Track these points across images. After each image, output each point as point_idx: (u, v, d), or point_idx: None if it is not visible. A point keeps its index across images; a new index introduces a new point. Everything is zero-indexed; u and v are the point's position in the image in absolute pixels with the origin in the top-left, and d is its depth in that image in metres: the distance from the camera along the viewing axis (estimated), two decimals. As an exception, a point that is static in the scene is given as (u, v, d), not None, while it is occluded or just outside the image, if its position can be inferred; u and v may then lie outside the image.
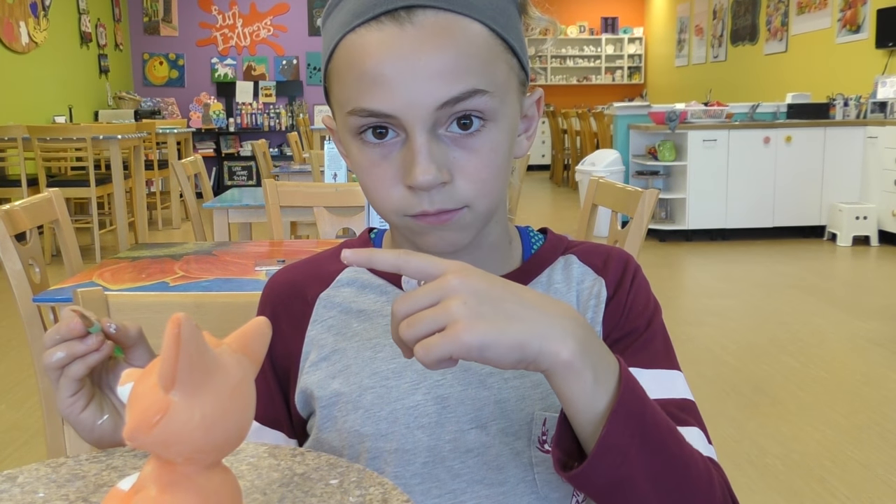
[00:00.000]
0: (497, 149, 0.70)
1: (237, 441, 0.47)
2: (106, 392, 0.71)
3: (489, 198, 0.71)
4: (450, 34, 0.66)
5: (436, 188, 0.67)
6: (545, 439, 0.74)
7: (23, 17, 7.38)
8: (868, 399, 3.15)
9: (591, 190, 2.25)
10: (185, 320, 0.42)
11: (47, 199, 1.99)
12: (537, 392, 0.74)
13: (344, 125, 0.71)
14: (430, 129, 0.67)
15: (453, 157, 0.68)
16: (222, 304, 1.07)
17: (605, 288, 0.79)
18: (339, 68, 0.70)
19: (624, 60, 14.45)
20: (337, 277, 0.81)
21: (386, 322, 0.77)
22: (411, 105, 0.66)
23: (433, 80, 0.65)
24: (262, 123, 10.47)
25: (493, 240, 0.78)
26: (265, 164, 4.70)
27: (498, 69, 0.69)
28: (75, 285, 1.64)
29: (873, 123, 6.37)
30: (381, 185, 0.70)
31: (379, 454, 0.73)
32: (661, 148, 6.57)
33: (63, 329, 0.66)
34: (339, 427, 0.75)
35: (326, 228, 2.34)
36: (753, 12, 10.12)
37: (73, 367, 0.66)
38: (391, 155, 0.69)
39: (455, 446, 0.73)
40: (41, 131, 5.79)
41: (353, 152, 0.71)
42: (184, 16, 10.48)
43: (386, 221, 0.74)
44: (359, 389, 0.74)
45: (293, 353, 0.79)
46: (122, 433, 0.66)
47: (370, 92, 0.66)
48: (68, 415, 0.68)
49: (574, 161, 9.98)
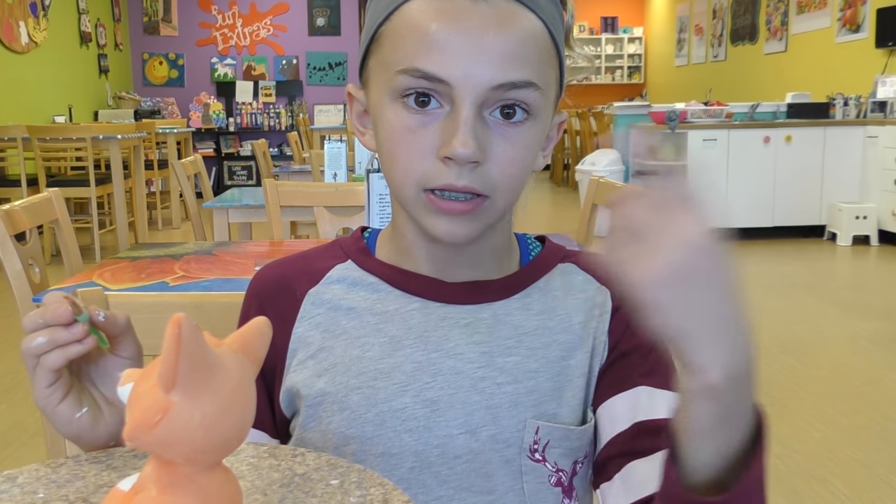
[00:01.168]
0: (530, 147, 0.70)
1: (237, 441, 0.46)
2: (86, 384, 0.67)
3: (510, 194, 0.70)
4: (517, 21, 0.67)
5: (467, 166, 0.67)
6: (536, 448, 0.72)
7: (22, 17, 7.38)
8: (869, 399, 3.15)
9: (591, 190, 2.25)
10: (185, 320, 0.42)
11: (47, 199, 1.98)
12: (530, 399, 0.73)
13: (386, 85, 0.69)
14: (479, 106, 0.66)
15: (492, 141, 0.67)
16: (222, 303, 1.07)
17: (611, 298, 0.78)
18: (396, 28, 0.69)
19: (624, 60, 14.45)
20: (327, 274, 0.79)
21: (375, 320, 0.75)
22: (468, 77, 0.65)
23: (495, 59, 0.65)
24: (261, 123, 10.47)
25: (495, 243, 0.77)
26: (265, 164, 4.70)
27: (549, 71, 0.70)
28: (75, 285, 1.64)
29: (873, 123, 6.37)
30: (412, 152, 0.68)
31: (364, 457, 0.71)
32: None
33: (48, 314, 0.61)
34: (323, 428, 0.73)
35: (326, 228, 2.34)
36: (753, 12, 10.11)
37: (51, 357, 0.62)
38: (429, 125, 0.68)
39: (443, 451, 0.71)
40: (41, 131, 5.79)
41: (387, 115, 0.69)
42: (183, 15, 10.48)
43: (398, 197, 0.72)
44: (345, 389, 0.73)
45: (279, 351, 0.77)
46: (101, 429, 0.66)
47: (430, 54, 0.66)
48: (44, 406, 0.64)
49: (574, 161, 9.98)
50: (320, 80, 10.64)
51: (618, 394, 0.75)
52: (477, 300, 0.76)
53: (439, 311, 0.75)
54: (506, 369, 0.73)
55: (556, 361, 0.75)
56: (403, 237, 0.77)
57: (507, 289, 0.77)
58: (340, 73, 10.62)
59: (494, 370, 0.73)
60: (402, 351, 0.74)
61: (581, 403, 0.75)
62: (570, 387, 0.74)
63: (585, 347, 0.76)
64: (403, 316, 0.75)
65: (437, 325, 0.75)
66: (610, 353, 0.76)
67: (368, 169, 1.83)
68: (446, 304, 0.75)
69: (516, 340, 0.75)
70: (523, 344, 0.75)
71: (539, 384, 0.73)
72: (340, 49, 10.57)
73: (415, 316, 0.75)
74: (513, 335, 0.75)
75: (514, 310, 0.76)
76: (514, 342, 0.75)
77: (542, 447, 0.73)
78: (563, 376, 0.74)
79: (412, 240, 0.76)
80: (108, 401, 0.67)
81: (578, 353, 0.76)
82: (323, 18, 10.55)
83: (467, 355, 0.73)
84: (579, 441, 0.74)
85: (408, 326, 0.75)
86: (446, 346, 0.74)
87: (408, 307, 0.76)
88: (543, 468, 0.73)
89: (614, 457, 0.73)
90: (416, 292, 0.76)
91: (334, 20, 10.55)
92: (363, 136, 0.77)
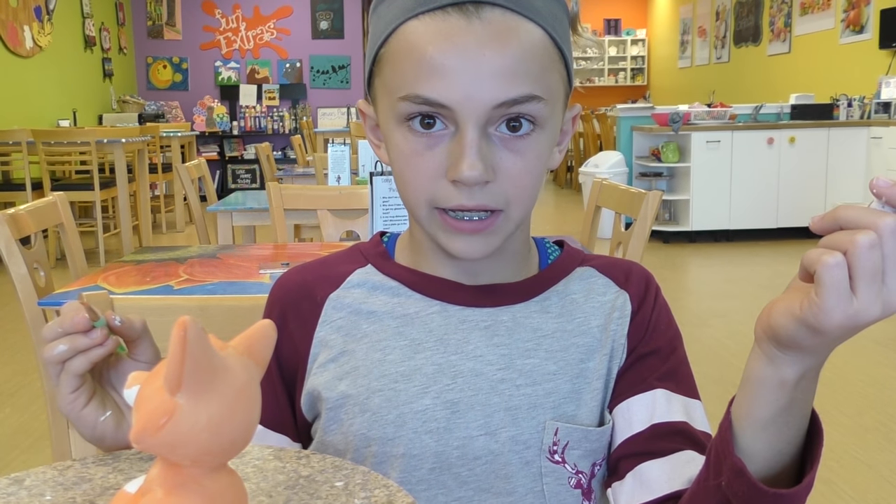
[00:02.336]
0: (540, 156, 0.69)
1: (243, 443, 0.47)
2: (107, 389, 0.68)
3: (524, 205, 0.70)
4: (515, 35, 0.66)
5: (478, 185, 0.67)
6: (556, 449, 0.73)
7: (27, 22, 7.40)
8: (873, 400, 3.14)
9: (594, 192, 2.25)
10: (191, 323, 0.42)
11: (52, 203, 1.99)
12: (549, 400, 0.73)
13: (391, 110, 0.70)
14: (482, 126, 0.66)
15: (499, 157, 0.67)
16: (227, 307, 1.07)
17: (630, 301, 0.78)
18: (395, 52, 0.69)
19: (627, 62, 14.45)
20: (347, 278, 0.80)
21: (396, 324, 0.76)
22: (469, 99, 0.65)
23: (494, 78, 0.65)
24: (265, 126, 10.48)
25: (516, 247, 0.78)
26: (269, 168, 4.70)
27: (553, 77, 0.69)
28: (80, 289, 1.65)
29: (877, 124, 6.36)
30: (422, 175, 0.69)
31: (385, 459, 0.72)
32: (665, 149, 6.56)
33: (66, 323, 0.63)
34: (344, 430, 0.74)
35: (330, 231, 2.35)
36: (756, 13, 10.11)
37: (75, 362, 0.63)
38: (436, 146, 0.68)
39: (463, 453, 0.72)
40: (45, 135, 5.80)
41: (395, 139, 0.70)
42: (187, 19, 10.50)
43: (413, 215, 0.73)
44: (366, 392, 0.73)
45: (301, 354, 0.78)
46: (124, 431, 0.66)
47: (428, 80, 0.66)
48: (69, 412, 0.65)
49: (577, 163, 9.97)
50: (324, 84, 10.65)
51: (635, 395, 0.75)
52: (496, 303, 0.76)
53: (459, 313, 0.76)
54: (525, 371, 0.74)
55: (575, 364, 0.75)
56: (422, 243, 0.78)
57: (526, 292, 0.78)
58: (344, 77, 10.63)
59: (514, 372, 0.74)
60: (422, 353, 0.74)
61: (599, 405, 0.75)
62: (589, 389, 0.75)
63: (604, 350, 0.76)
64: (424, 319, 0.76)
65: (457, 328, 0.75)
66: (628, 356, 0.77)
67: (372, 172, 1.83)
68: (466, 307, 0.76)
69: (535, 343, 0.75)
70: (542, 346, 0.75)
71: (558, 386, 0.74)
72: (344, 52, 10.58)
73: (435, 319, 0.76)
74: (532, 338, 0.75)
75: (534, 313, 0.77)
76: (534, 345, 0.75)
77: (562, 448, 0.73)
78: (581, 378, 0.75)
79: (430, 246, 0.76)
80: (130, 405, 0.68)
81: (597, 355, 0.76)
82: (326, 22, 10.56)
83: (487, 357, 0.74)
84: (598, 442, 0.75)
85: (428, 329, 0.75)
86: (466, 348, 0.74)
87: (428, 310, 0.76)
88: (563, 469, 0.73)
89: (628, 456, 0.74)
90: (435, 296, 0.77)
91: (338, 23, 10.57)
92: (378, 150, 0.77)
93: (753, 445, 0.60)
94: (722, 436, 0.61)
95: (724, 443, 0.61)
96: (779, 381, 0.58)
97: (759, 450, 0.60)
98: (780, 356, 0.57)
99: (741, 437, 0.60)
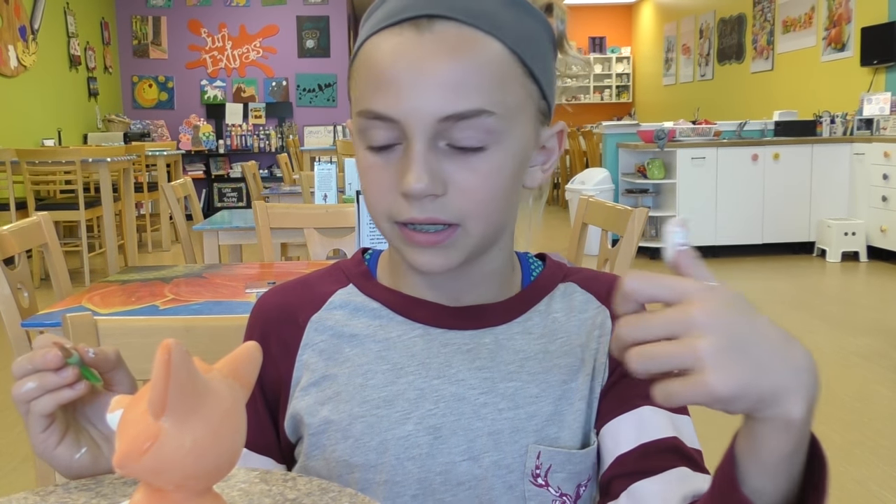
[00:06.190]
0: (498, 172, 0.68)
1: (228, 467, 0.46)
2: (83, 423, 0.66)
3: (484, 221, 0.69)
4: (466, 49, 0.66)
5: (427, 198, 0.67)
6: (538, 473, 0.72)
7: (11, 41, 7.39)
8: (860, 415, 3.15)
9: (581, 209, 2.26)
10: (175, 346, 0.42)
11: (36, 223, 1.98)
12: (532, 424, 0.73)
13: (354, 125, 0.71)
14: (430, 139, 0.66)
15: (449, 170, 0.67)
16: (213, 327, 1.07)
17: (610, 318, 0.77)
18: (357, 69, 0.71)
19: (612, 79, 14.56)
20: (329, 299, 0.79)
21: (378, 348, 0.75)
22: (414, 111, 0.65)
23: (440, 90, 0.65)
24: (251, 145, 10.47)
25: (495, 266, 0.77)
26: (255, 186, 4.70)
27: (511, 92, 0.68)
28: (64, 309, 1.63)
29: (860, 140, 6.42)
30: (379, 189, 0.69)
31: (368, 485, 0.71)
32: (650, 166, 6.60)
33: (37, 359, 0.61)
34: (327, 456, 0.73)
35: (317, 250, 2.34)
36: (739, 31, 10.21)
37: (41, 402, 0.61)
38: (391, 161, 0.68)
39: (446, 478, 0.71)
40: (30, 154, 5.77)
41: (357, 154, 0.71)
42: (173, 38, 10.50)
43: (379, 230, 0.73)
44: (349, 418, 0.73)
45: (283, 378, 0.77)
46: (102, 467, 0.65)
47: (378, 94, 0.67)
48: (41, 452, 0.63)
49: (564, 180, 10.01)
50: (310, 102, 10.66)
51: (621, 414, 0.74)
52: (478, 325, 0.76)
53: (441, 337, 0.75)
54: (507, 395, 0.73)
55: (558, 385, 0.75)
56: (399, 262, 0.77)
57: (509, 312, 0.77)
58: (330, 95, 10.65)
59: (496, 396, 0.73)
60: (404, 378, 0.74)
61: (582, 426, 0.75)
62: (571, 410, 0.74)
63: (586, 370, 0.76)
64: (406, 343, 0.75)
65: (439, 352, 0.75)
66: (611, 375, 0.76)
67: (358, 190, 1.83)
68: (448, 329, 0.76)
69: (518, 365, 0.75)
70: (524, 369, 0.74)
71: (540, 409, 0.73)
72: (330, 70, 10.60)
73: (417, 343, 0.75)
74: (514, 360, 0.75)
75: (516, 334, 0.76)
76: (516, 367, 0.74)
77: (545, 472, 0.72)
78: (564, 400, 0.74)
79: (406, 266, 0.76)
80: (107, 437, 0.67)
81: (580, 375, 0.75)
82: (312, 40, 10.59)
83: (469, 381, 0.73)
84: (582, 464, 0.74)
85: (410, 354, 0.75)
86: (448, 372, 0.74)
87: (410, 334, 0.76)
88: (547, 493, 0.73)
89: (620, 476, 0.73)
90: (418, 319, 0.76)
91: (324, 42, 10.59)
92: None
93: (763, 488, 0.57)
94: (725, 472, 0.58)
95: (728, 480, 0.58)
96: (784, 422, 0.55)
97: (767, 491, 0.57)
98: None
99: (747, 477, 0.57)
